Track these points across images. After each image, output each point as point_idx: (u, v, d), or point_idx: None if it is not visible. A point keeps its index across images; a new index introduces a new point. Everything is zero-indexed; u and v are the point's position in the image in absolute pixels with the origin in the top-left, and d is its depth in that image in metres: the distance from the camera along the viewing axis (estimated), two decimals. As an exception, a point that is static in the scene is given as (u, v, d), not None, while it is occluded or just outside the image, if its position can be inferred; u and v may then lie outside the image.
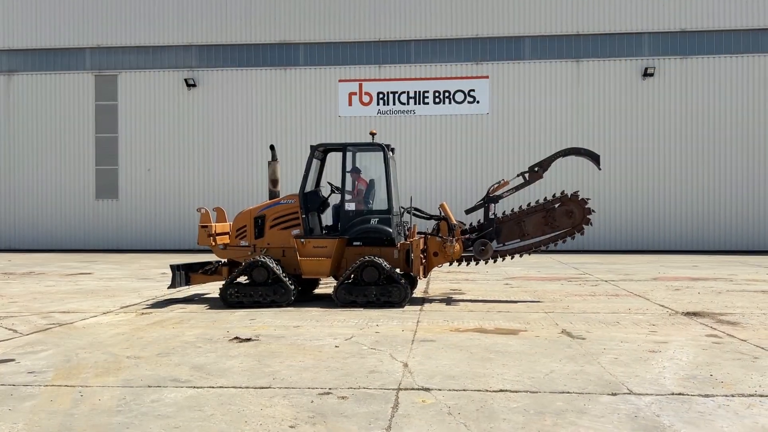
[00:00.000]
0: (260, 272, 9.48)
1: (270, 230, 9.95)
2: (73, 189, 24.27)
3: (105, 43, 24.09)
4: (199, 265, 10.48)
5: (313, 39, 23.34)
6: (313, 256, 9.69)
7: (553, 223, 10.11)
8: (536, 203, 10.26)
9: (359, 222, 9.71)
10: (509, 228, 10.23)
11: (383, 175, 9.82)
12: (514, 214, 10.27)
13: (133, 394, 4.91)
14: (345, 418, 4.34)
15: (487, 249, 9.91)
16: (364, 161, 10.40)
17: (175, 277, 10.07)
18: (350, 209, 9.84)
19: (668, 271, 14.86)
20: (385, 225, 9.63)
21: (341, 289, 9.44)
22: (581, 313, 8.76)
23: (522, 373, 5.51)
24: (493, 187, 10.18)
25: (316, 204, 10.02)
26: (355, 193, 10.22)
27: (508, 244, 10.27)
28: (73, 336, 7.25)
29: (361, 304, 9.32)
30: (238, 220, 10.18)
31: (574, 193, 10.26)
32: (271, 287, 9.43)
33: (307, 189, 9.97)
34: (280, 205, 10.02)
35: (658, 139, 22.32)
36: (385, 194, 9.79)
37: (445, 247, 9.78)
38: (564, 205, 10.10)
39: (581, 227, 10.07)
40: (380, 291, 9.30)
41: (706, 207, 22.18)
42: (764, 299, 10.09)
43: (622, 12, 22.34)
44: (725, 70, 22.09)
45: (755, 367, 5.67)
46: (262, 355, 6.21)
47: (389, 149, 10.03)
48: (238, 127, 23.67)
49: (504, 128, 22.77)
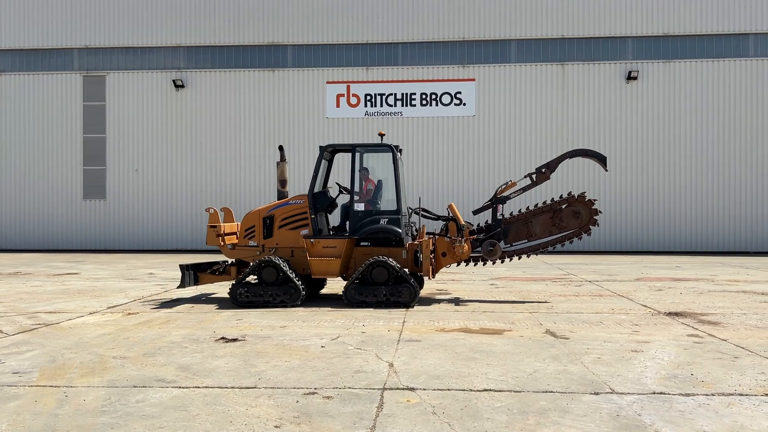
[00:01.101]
0: (270, 272, 9.50)
1: (279, 230, 9.98)
2: (61, 189, 24.12)
3: (93, 44, 23.97)
4: (207, 265, 10.48)
5: (301, 41, 23.36)
6: (323, 256, 9.74)
7: (560, 223, 10.17)
8: (543, 204, 10.32)
9: (368, 222, 9.75)
10: (516, 229, 10.28)
11: (392, 176, 9.89)
12: (521, 215, 10.32)
13: (118, 395, 4.92)
14: (330, 418, 4.37)
15: (495, 249, 9.97)
16: (373, 162, 10.47)
17: (185, 277, 10.08)
18: (359, 210, 9.88)
19: (651, 272, 15.01)
20: (395, 225, 9.69)
21: (351, 289, 9.48)
22: (565, 313, 8.84)
23: (506, 372, 5.57)
24: (501, 188, 10.23)
25: (324, 204, 10.07)
26: (364, 193, 10.28)
27: (516, 245, 10.34)
28: (59, 336, 7.23)
29: (371, 304, 9.37)
30: (247, 221, 10.20)
31: (581, 194, 10.31)
32: (281, 287, 9.46)
33: (315, 189, 10.01)
34: (288, 206, 10.05)
35: (642, 141, 22.55)
36: (394, 195, 9.85)
37: (454, 248, 9.84)
38: (571, 205, 10.17)
39: (588, 228, 10.13)
40: (390, 291, 9.35)
41: (688, 208, 22.43)
42: (744, 299, 10.23)
43: (607, 16, 22.57)
44: (707, 74, 22.36)
45: (735, 367, 5.76)
46: (248, 355, 6.23)
47: (397, 150, 10.10)
48: (226, 128, 23.63)
49: (490, 130, 22.90)
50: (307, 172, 19.58)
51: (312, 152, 22.39)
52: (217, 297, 10.76)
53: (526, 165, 22.45)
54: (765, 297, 10.56)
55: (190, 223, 23.59)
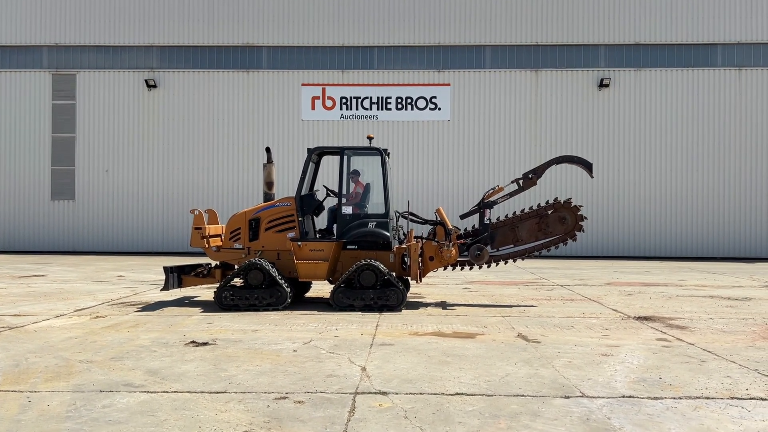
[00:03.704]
0: (256, 275, 9.40)
1: (265, 233, 9.89)
2: (28, 189, 23.59)
3: (63, 42, 23.53)
4: (191, 268, 10.33)
5: (276, 42, 23.23)
6: (310, 259, 9.68)
7: (546, 229, 10.23)
8: (529, 209, 10.38)
9: (356, 226, 9.74)
10: (503, 233, 10.33)
11: (380, 179, 9.88)
12: (508, 220, 10.37)
13: (83, 400, 4.81)
14: (301, 423, 4.33)
15: (483, 254, 9.99)
16: (361, 165, 10.44)
17: (168, 280, 9.91)
18: (347, 213, 9.85)
19: (621, 277, 15.21)
20: (383, 229, 9.69)
21: (338, 292, 9.43)
22: (537, 317, 8.91)
23: (478, 376, 5.58)
24: (488, 193, 10.27)
25: (312, 207, 10.02)
26: (352, 196, 10.24)
27: (502, 250, 10.37)
28: (24, 340, 7.06)
29: (359, 307, 9.33)
30: (232, 223, 10.09)
31: (567, 199, 10.39)
32: (267, 290, 9.36)
33: (303, 192, 9.95)
34: (275, 208, 9.97)
35: (613, 147, 22.88)
36: (382, 198, 9.85)
37: (442, 252, 9.85)
38: (557, 211, 10.23)
39: (574, 234, 10.20)
40: (378, 295, 9.33)
41: (657, 214, 22.81)
42: (711, 304, 10.42)
43: (580, 24, 22.88)
44: (677, 82, 22.80)
45: (702, 370, 5.85)
46: (219, 360, 6.15)
47: (386, 153, 10.08)
48: (200, 129, 23.38)
49: (465, 135, 23.03)
50: (281, 173, 19.47)
51: (287, 154, 22.30)
52: (188, 300, 10.62)
53: (500, 170, 22.65)
54: (731, 302, 10.77)
55: (161, 225, 23.27)
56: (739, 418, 4.52)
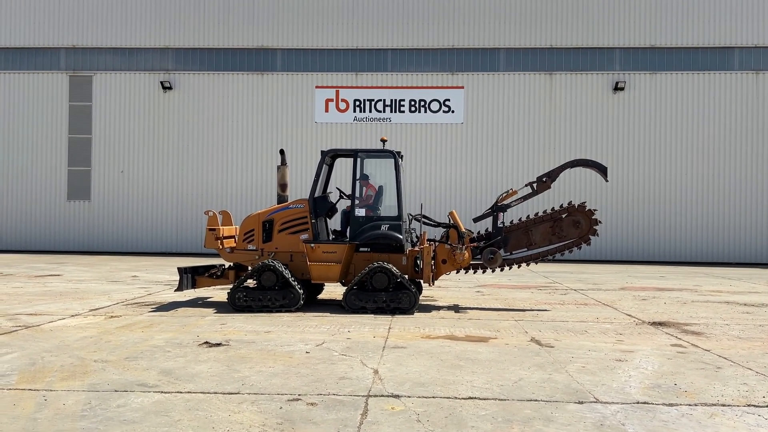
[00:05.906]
0: (269, 276, 9.44)
1: (278, 234, 9.93)
2: (45, 190, 23.85)
3: (81, 44, 23.78)
4: (205, 269, 10.40)
5: (290, 45, 23.33)
6: (323, 261, 9.70)
7: (560, 233, 10.18)
8: (543, 213, 10.32)
9: (369, 228, 9.76)
10: (517, 237, 10.27)
11: (394, 182, 9.88)
12: (521, 223, 10.32)
13: (98, 399, 4.85)
14: (313, 425, 4.34)
15: (496, 257, 9.96)
16: (375, 168, 10.46)
17: (182, 280, 9.99)
18: (360, 215, 9.87)
19: (636, 281, 15.10)
20: (396, 231, 9.70)
21: (350, 294, 9.45)
22: (550, 322, 8.86)
23: (491, 380, 5.56)
24: (502, 196, 10.25)
25: (325, 209, 10.05)
26: (365, 199, 10.25)
27: (516, 253, 10.32)
28: (40, 339, 7.13)
29: (371, 310, 9.34)
30: (246, 224, 10.15)
31: (581, 203, 10.34)
32: (280, 292, 9.40)
33: (316, 194, 9.98)
34: (289, 210, 10.01)
35: (628, 151, 22.72)
36: (395, 201, 9.85)
37: (455, 255, 9.83)
38: (571, 215, 10.18)
39: (588, 238, 10.15)
40: (390, 297, 9.33)
41: (673, 219, 22.61)
42: (727, 310, 10.31)
43: (594, 27, 22.76)
44: (693, 86, 22.60)
45: (718, 377, 5.79)
46: (232, 361, 6.18)
47: (399, 156, 10.09)
48: (214, 130, 23.52)
49: (478, 138, 22.98)
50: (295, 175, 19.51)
51: (300, 156, 22.36)
52: (201, 301, 10.68)
53: (513, 173, 22.56)
54: (747, 308, 10.65)
55: (175, 226, 23.42)
56: (756, 426, 4.47)
